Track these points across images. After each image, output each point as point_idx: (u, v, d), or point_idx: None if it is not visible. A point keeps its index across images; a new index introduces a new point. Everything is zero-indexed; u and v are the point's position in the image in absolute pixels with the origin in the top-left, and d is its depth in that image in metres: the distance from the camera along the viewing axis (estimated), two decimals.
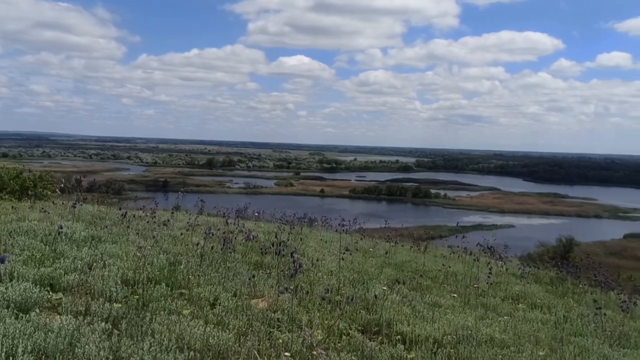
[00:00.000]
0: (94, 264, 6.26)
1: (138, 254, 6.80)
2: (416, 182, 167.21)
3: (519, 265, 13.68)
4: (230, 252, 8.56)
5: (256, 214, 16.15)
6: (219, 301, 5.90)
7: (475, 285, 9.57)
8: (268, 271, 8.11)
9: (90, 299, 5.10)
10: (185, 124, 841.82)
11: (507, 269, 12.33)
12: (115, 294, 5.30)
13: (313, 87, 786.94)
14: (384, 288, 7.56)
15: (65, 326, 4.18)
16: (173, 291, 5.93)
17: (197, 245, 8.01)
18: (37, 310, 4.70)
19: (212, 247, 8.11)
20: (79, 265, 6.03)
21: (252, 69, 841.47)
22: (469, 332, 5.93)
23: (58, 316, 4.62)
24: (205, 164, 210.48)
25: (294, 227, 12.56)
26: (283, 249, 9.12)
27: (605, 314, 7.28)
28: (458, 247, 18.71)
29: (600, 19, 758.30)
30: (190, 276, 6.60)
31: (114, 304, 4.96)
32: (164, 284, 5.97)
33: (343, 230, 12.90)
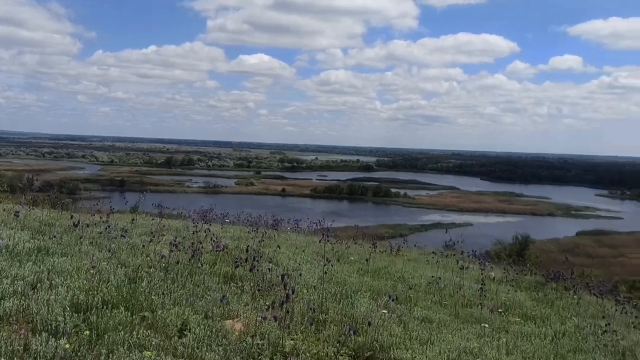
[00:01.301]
0: (39, 285, 5.31)
1: (92, 270, 5.88)
2: (377, 182, 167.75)
3: (488, 266, 13.19)
4: (198, 264, 7.70)
5: (227, 221, 15.22)
6: (188, 327, 5.06)
7: (460, 294, 8.99)
8: (241, 285, 7.27)
9: (31, 332, 4.18)
10: (143, 122, 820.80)
11: (483, 272, 11.77)
12: (63, 325, 4.39)
13: (274, 86, 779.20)
14: (380, 311, 6.79)
15: None
16: (134, 316, 5.05)
17: (163, 257, 7.11)
18: None
19: (179, 261, 7.24)
20: (20, 288, 5.08)
21: (212, 67, 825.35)
22: (475, 358, 5.27)
23: None
24: (164, 163, 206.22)
25: (265, 233, 11.68)
26: (257, 259, 8.31)
27: (615, 331, 6.74)
28: (426, 246, 18.41)
29: (554, 23, 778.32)
30: (153, 296, 5.72)
31: (61, 340, 4.06)
32: (122, 308, 5.09)
33: (321, 234, 12.15)
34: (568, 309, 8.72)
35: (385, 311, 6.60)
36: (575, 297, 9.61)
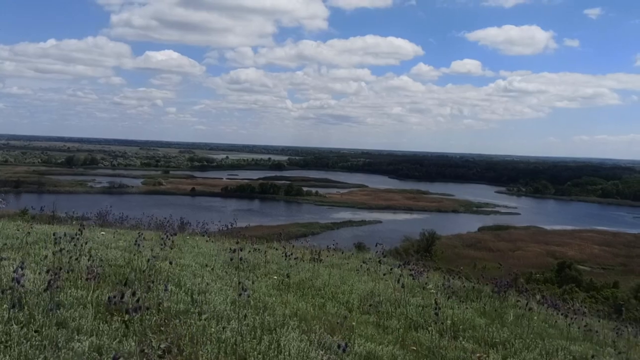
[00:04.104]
0: None
1: None
2: (288, 180, 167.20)
3: (424, 274, 12.12)
4: (69, 291, 5.77)
5: (127, 224, 13.06)
6: None
7: (400, 312, 7.65)
8: (127, 317, 5.43)
9: None
10: (42, 119, 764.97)
11: (425, 286, 10.61)
12: None
13: (182, 83, 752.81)
14: (316, 351, 5.13)
15: None
16: None
17: (11, 286, 5.11)
18: None
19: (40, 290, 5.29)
20: None
21: (117, 63, 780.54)
22: None
23: None
24: (64, 162, 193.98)
25: (165, 243, 9.64)
26: (152, 280, 6.50)
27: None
28: (343, 247, 17.36)
29: (454, 28, 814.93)
30: None
31: None
32: None
33: (233, 238, 10.39)
34: (520, 324, 7.63)
35: (318, 350, 5.04)
36: (522, 309, 8.57)
